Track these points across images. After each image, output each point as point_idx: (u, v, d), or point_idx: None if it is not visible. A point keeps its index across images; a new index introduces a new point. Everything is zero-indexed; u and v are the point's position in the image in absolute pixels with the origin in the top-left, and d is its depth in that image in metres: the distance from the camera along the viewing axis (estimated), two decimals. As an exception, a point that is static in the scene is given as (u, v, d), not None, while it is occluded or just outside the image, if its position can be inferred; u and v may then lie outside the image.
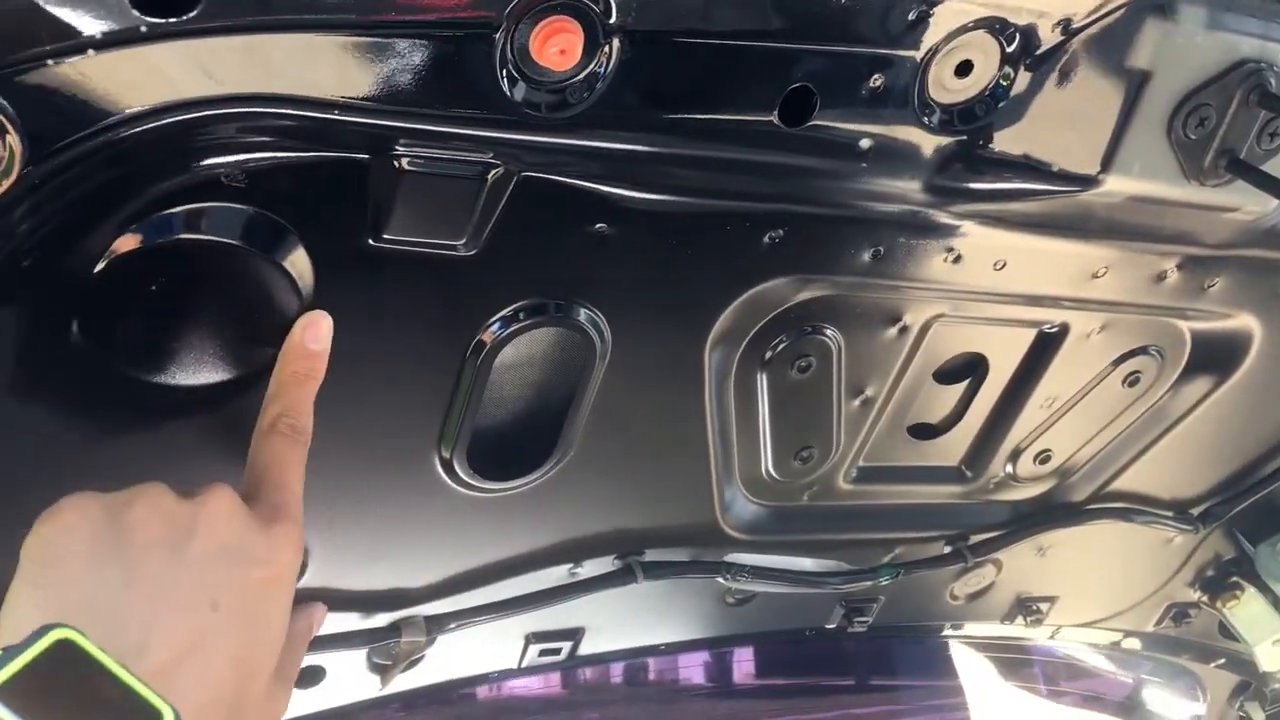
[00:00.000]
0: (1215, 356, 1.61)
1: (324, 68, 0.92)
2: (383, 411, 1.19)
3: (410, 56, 0.94)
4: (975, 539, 1.72)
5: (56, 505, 0.86)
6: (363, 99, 0.95)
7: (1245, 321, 1.56)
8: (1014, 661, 3.09)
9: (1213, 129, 1.18)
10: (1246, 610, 2.02)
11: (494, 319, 1.17)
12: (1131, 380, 1.59)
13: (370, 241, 1.04)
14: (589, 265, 1.16)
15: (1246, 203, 1.27)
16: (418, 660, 1.45)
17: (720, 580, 1.57)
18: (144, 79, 0.87)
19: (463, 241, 1.08)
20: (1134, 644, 2.18)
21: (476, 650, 1.53)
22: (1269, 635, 2.03)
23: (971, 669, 3.11)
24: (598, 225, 1.12)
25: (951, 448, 1.62)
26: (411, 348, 1.16)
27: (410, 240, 1.06)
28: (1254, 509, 1.89)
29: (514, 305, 1.16)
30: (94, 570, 0.82)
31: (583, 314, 1.20)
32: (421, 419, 1.22)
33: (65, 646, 0.70)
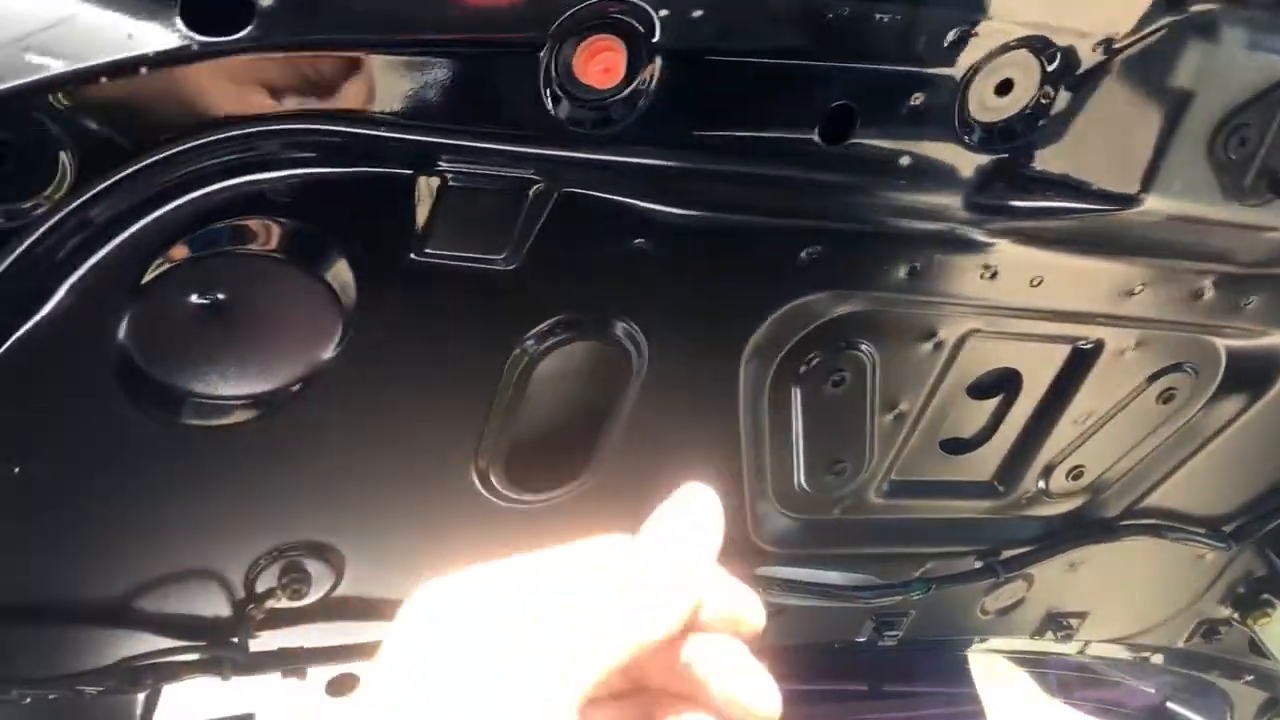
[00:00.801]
0: (1250, 374, 1.60)
1: (371, 85, 0.93)
2: (423, 423, 1.20)
3: (456, 74, 0.95)
4: (1006, 554, 1.71)
5: None
6: (408, 116, 0.96)
7: None
8: (1036, 673, 3.07)
9: (1254, 149, 1.17)
10: (1277, 628, 2.00)
11: (533, 332, 1.17)
12: (1166, 397, 1.58)
13: (412, 256, 1.05)
14: (627, 280, 1.16)
15: (1286, 222, 1.26)
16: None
17: (752, 593, 1.57)
18: (194, 96, 0.89)
19: (503, 256, 1.08)
20: (1161, 659, 2.17)
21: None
22: (1301, 653, 2.01)
23: (992, 679, 3.10)
24: (636, 240, 1.12)
25: (984, 463, 1.62)
26: (451, 361, 1.17)
27: (451, 255, 1.07)
28: (1286, 526, 1.88)
29: (552, 319, 1.17)
30: None
31: (620, 328, 1.20)
32: (460, 431, 1.23)
33: None
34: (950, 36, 1.03)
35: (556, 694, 0.58)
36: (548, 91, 0.97)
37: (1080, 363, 1.51)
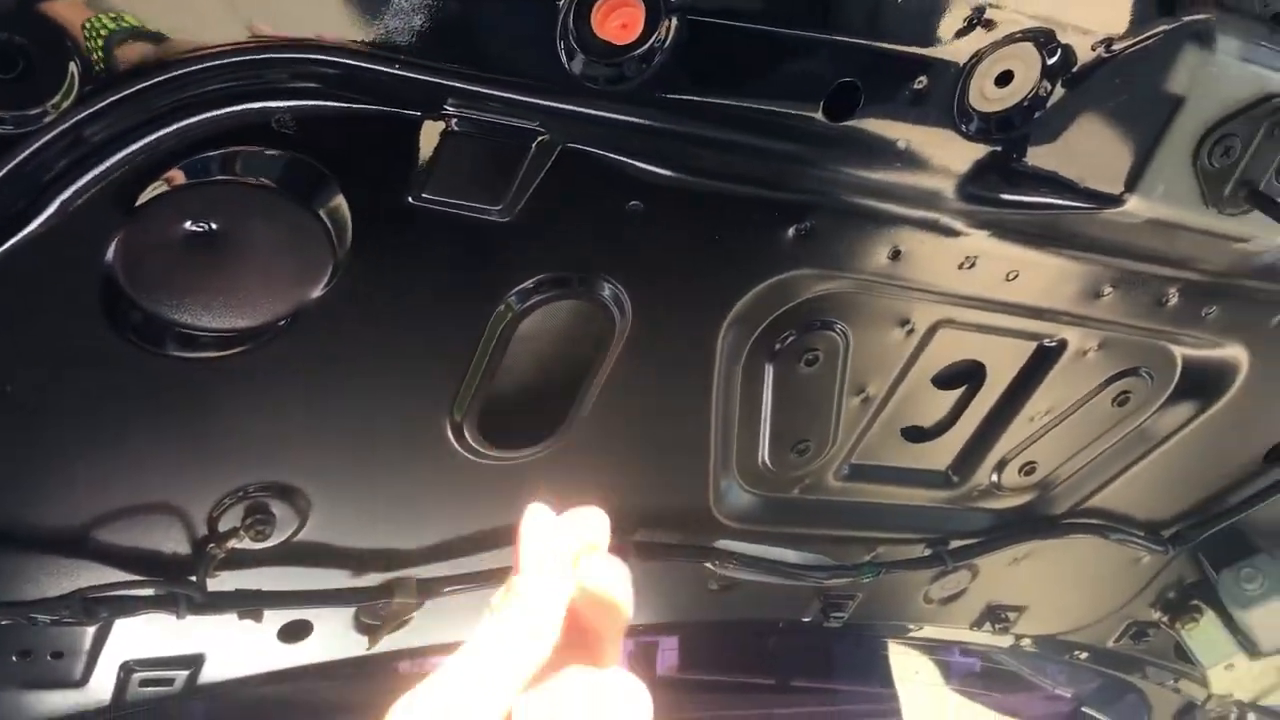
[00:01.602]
0: (1203, 383, 1.64)
1: (386, 19, 0.92)
2: (402, 372, 1.19)
3: (472, 17, 0.94)
4: (955, 544, 1.74)
5: None
6: (418, 55, 0.95)
7: (1235, 352, 1.59)
8: (955, 671, 3.12)
9: (1236, 159, 1.20)
10: (1204, 634, 2.06)
11: (520, 288, 1.17)
12: (1121, 400, 1.62)
13: (409, 199, 1.04)
14: (619, 241, 1.17)
15: (1258, 234, 1.30)
16: (405, 623, 1.45)
17: (708, 566, 1.58)
18: (206, 16, 0.87)
19: (499, 207, 1.08)
20: (1087, 657, 2.22)
21: (461, 618, 1.52)
22: (1223, 659, 2.08)
23: (911, 677, 3.14)
24: (632, 202, 1.13)
25: (941, 453, 1.64)
26: (436, 311, 1.17)
27: (448, 201, 1.06)
28: (1220, 536, 1.93)
29: (542, 275, 1.17)
30: None
31: (606, 289, 1.21)
32: (438, 382, 1.22)
33: None
34: (962, 22, 1.05)
35: None
36: (563, 44, 0.97)
37: (1043, 360, 1.54)
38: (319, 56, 0.93)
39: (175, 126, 0.92)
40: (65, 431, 1.10)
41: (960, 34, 1.06)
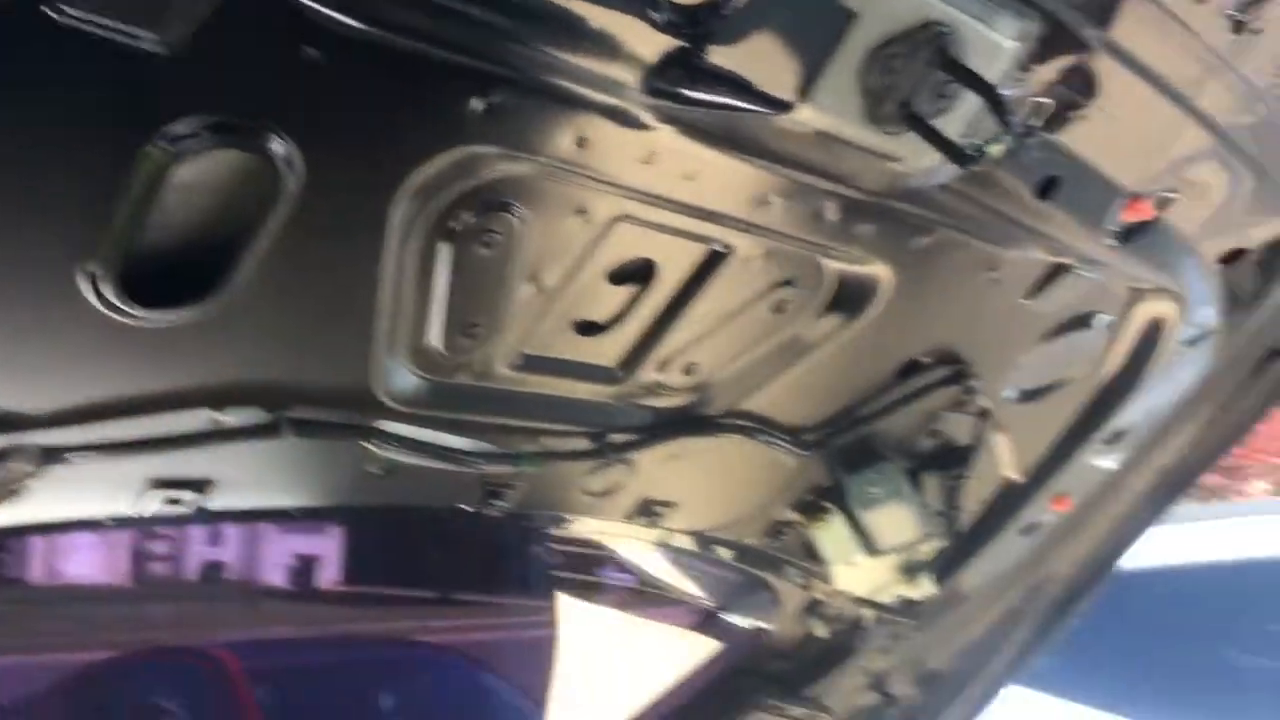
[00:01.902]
0: (850, 297, 1.77)
1: None
2: (29, 209, 1.07)
3: None
4: (616, 438, 1.79)
5: None
6: None
7: (880, 270, 1.72)
8: (609, 588, 3.27)
9: (897, 80, 1.28)
10: (831, 532, 2.24)
11: (176, 131, 1.07)
12: (779, 308, 1.71)
13: (47, 11, 0.93)
14: (292, 92, 1.09)
15: (909, 155, 1.40)
16: (17, 493, 1.32)
17: (368, 447, 1.54)
18: None
19: (155, 35, 0.98)
20: (727, 553, 2.36)
21: (90, 491, 1.41)
22: (845, 557, 2.27)
23: (563, 592, 3.26)
24: (310, 50, 1.06)
25: (610, 348, 1.68)
26: (73, 144, 1.05)
27: (95, 20, 0.95)
28: (853, 443, 2.10)
29: (202, 119, 1.08)
30: None
31: (275, 143, 1.13)
32: (73, 226, 1.10)
33: None
34: None
35: None
36: None
37: (712, 264, 1.60)
38: None
39: None
40: None
41: None
